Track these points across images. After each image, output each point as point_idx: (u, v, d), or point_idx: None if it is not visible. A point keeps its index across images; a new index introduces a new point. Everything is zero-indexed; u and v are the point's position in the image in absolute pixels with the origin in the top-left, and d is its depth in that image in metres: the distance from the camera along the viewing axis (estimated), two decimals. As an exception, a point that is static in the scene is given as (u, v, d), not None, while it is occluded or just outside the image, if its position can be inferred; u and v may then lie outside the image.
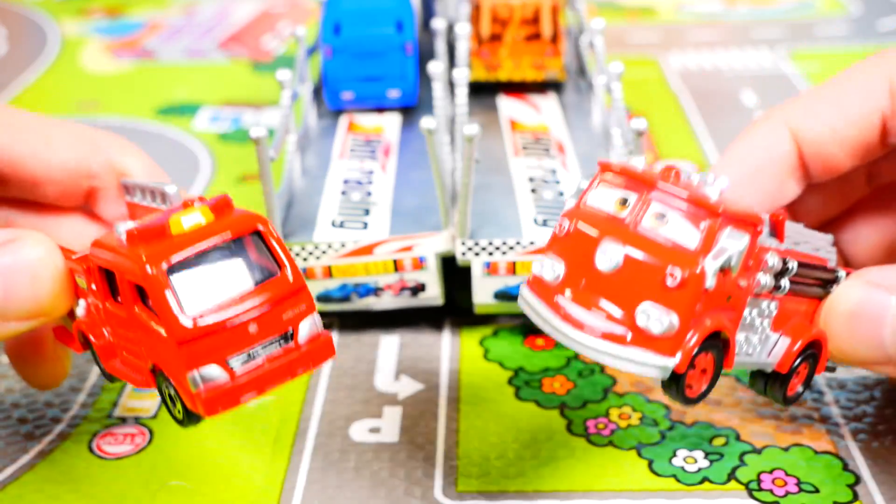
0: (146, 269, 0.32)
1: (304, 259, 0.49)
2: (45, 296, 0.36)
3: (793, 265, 0.36)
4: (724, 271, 0.32)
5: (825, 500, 0.40)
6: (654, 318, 0.32)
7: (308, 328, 0.34)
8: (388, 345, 0.50)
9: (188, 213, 0.33)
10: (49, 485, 0.42)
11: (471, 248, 0.48)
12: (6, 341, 0.41)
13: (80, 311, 0.37)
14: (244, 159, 0.71)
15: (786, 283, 0.36)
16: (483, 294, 0.49)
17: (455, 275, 0.50)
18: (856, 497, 0.40)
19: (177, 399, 0.34)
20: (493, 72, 0.65)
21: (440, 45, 0.64)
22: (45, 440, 0.45)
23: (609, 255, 0.33)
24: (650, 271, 0.32)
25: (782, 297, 0.37)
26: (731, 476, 0.41)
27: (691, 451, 0.43)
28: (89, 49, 0.95)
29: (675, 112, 0.76)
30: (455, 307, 0.51)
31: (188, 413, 0.34)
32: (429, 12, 0.76)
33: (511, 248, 0.48)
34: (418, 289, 0.50)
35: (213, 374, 0.32)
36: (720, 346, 0.34)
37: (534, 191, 0.53)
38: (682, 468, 0.42)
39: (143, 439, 0.44)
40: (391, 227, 0.50)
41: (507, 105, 0.64)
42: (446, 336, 0.51)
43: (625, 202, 0.34)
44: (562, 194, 0.52)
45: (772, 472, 0.41)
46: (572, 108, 0.64)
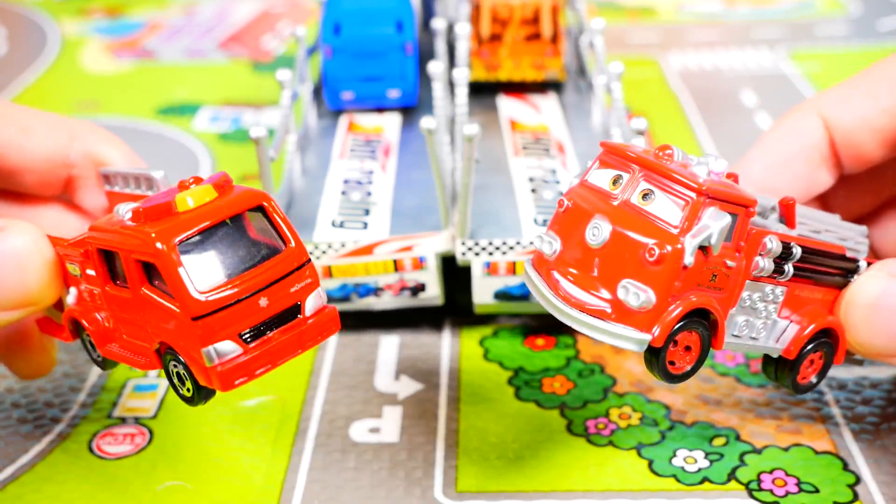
0: (157, 246, 0.32)
1: None
2: (33, 285, 0.36)
3: (797, 251, 0.36)
4: (704, 249, 0.32)
5: (825, 500, 0.40)
6: (632, 293, 0.32)
7: (314, 302, 0.35)
8: (388, 345, 0.50)
9: (193, 191, 0.34)
10: (49, 485, 0.42)
11: (471, 248, 0.48)
12: None
13: (71, 299, 0.37)
14: (244, 159, 0.71)
15: (789, 268, 0.36)
16: (483, 294, 0.49)
17: (455, 275, 0.50)
18: (856, 497, 0.40)
19: (186, 377, 0.34)
20: (493, 72, 0.65)
21: (440, 45, 0.64)
22: (44, 440, 0.45)
23: (598, 231, 0.34)
24: (633, 247, 0.33)
25: (789, 282, 0.37)
26: (732, 476, 0.41)
27: (691, 451, 0.43)
28: (89, 49, 0.95)
29: (675, 112, 0.76)
30: (455, 307, 0.51)
31: (199, 389, 0.34)
32: (429, 12, 0.76)
33: (511, 248, 0.48)
34: (418, 289, 0.50)
35: (228, 348, 0.33)
36: (706, 324, 0.34)
37: (534, 191, 0.53)
38: (682, 468, 0.42)
39: (142, 439, 0.44)
40: (391, 227, 0.50)
41: (507, 105, 0.64)
42: (446, 336, 0.51)
43: (617, 181, 0.35)
44: (562, 194, 0.52)
45: (772, 472, 0.41)
46: (572, 108, 0.64)
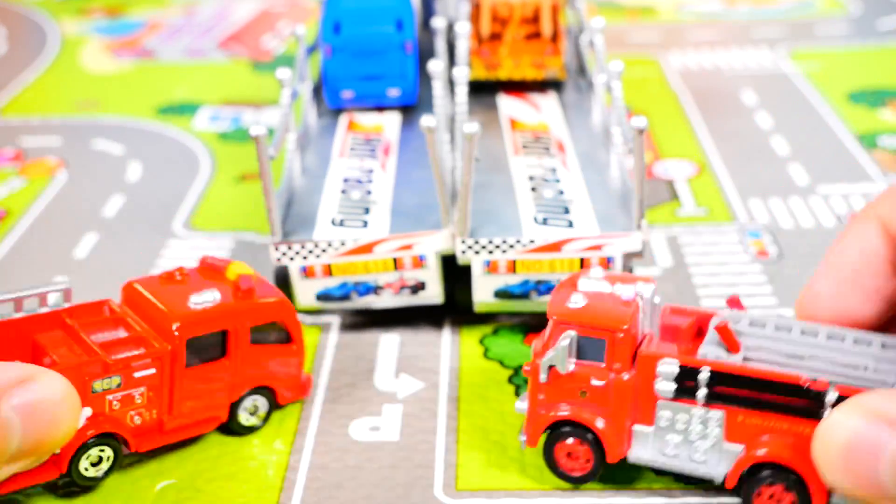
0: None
1: (304, 258, 0.49)
2: (61, 436, 0.35)
3: (704, 375, 0.37)
4: (552, 368, 0.38)
5: (826, 498, 0.40)
6: (518, 403, 0.40)
7: None
8: (388, 343, 0.50)
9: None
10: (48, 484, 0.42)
11: (471, 247, 0.48)
12: None
13: (82, 420, 0.38)
14: (244, 159, 0.71)
15: (702, 392, 0.37)
16: (483, 292, 0.49)
17: (455, 273, 0.50)
18: (856, 495, 0.40)
19: (261, 410, 0.44)
20: (493, 71, 0.65)
21: (440, 44, 0.64)
22: (44, 439, 0.44)
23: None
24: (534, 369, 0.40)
25: (726, 407, 0.37)
26: (732, 474, 0.41)
27: (691, 449, 0.42)
28: (89, 49, 0.95)
29: (675, 111, 0.76)
30: (455, 306, 0.51)
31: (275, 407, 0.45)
32: (429, 11, 0.76)
33: (511, 246, 0.48)
34: (418, 287, 0.50)
35: None
36: (592, 435, 0.39)
37: (534, 189, 0.53)
38: (683, 466, 0.42)
39: (142, 438, 0.44)
40: (391, 225, 0.50)
41: (506, 104, 0.64)
42: (446, 334, 0.51)
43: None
44: (562, 193, 0.52)
45: (772, 470, 0.41)
46: (572, 107, 0.64)
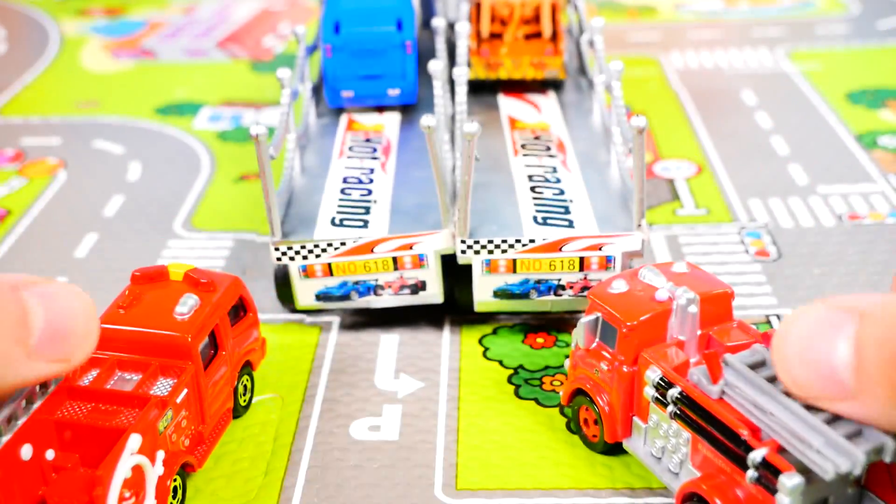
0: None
1: (304, 257, 0.49)
2: (81, 330, 0.33)
3: (674, 392, 0.37)
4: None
5: (826, 497, 0.40)
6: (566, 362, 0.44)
7: None
8: (388, 343, 0.50)
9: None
10: (48, 483, 0.42)
11: (471, 247, 0.48)
12: None
13: (159, 467, 0.38)
14: (244, 158, 0.71)
15: (671, 406, 0.37)
16: (483, 292, 0.49)
17: (455, 273, 0.50)
18: (856, 495, 0.40)
19: (250, 390, 0.46)
20: (493, 70, 0.65)
21: (440, 44, 0.64)
22: (44, 438, 0.44)
23: None
24: None
25: (692, 431, 0.37)
26: (732, 474, 0.41)
27: (691, 448, 0.43)
28: (89, 49, 0.95)
29: (675, 111, 0.76)
30: (455, 305, 0.51)
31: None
32: (429, 11, 0.76)
33: (511, 245, 0.48)
34: (418, 287, 0.50)
35: None
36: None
37: (534, 189, 0.53)
38: (683, 466, 0.42)
39: (142, 437, 0.44)
40: (391, 225, 0.50)
41: (507, 103, 0.64)
42: (446, 334, 0.51)
43: None
44: (562, 192, 0.52)
45: (772, 469, 0.41)
46: (572, 107, 0.64)
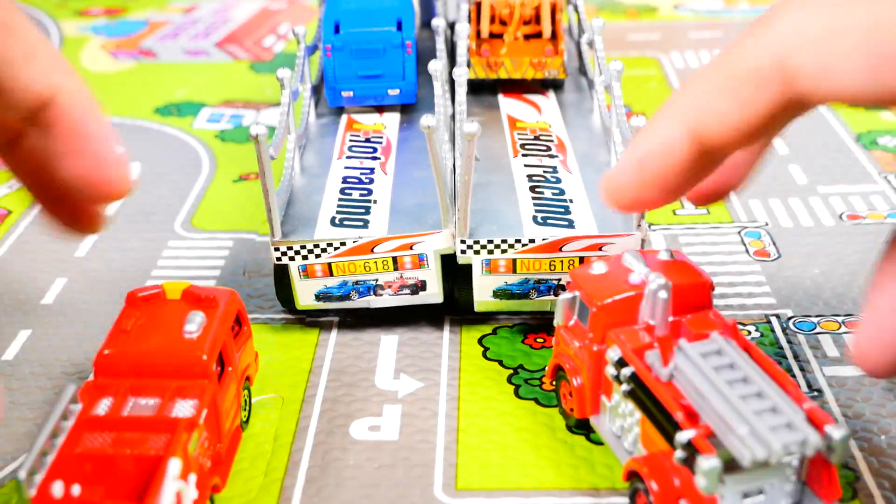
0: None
1: (304, 257, 0.49)
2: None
3: (626, 372, 0.39)
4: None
5: (825, 497, 0.40)
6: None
7: None
8: (388, 343, 0.50)
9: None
10: (49, 483, 0.42)
11: (470, 247, 0.48)
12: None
13: (193, 490, 0.37)
14: (244, 158, 0.71)
15: (624, 384, 0.39)
16: (483, 292, 0.49)
17: (455, 273, 0.50)
18: (855, 495, 0.40)
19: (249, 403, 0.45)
20: (493, 70, 0.65)
21: (440, 44, 0.64)
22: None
23: None
24: None
25: (642, 412, 0.38)
26: (731, 474, 0.41)
27: (691, 448, 0.43)
28: (89, 49, 0.95)
29: (675, 111, 0.76)
30: (455, 305, 0.51)
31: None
32: (430, 11, 0.76)
33: (511, 245, 0.48)
34: (418, 287, 0.50)
35: None
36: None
37: (533, 189, 0.53)
38: (682, 466, 0.42)
39: (142, 437, 0.44)
40: (391, 225, 0.50)
41: (507, 104, 0.64)
42: (446, 334, 0.51)
43: None
44: (562, 193, 0.52)
45: (771, 469, 0.41)
46: (572, 107, 0.64)
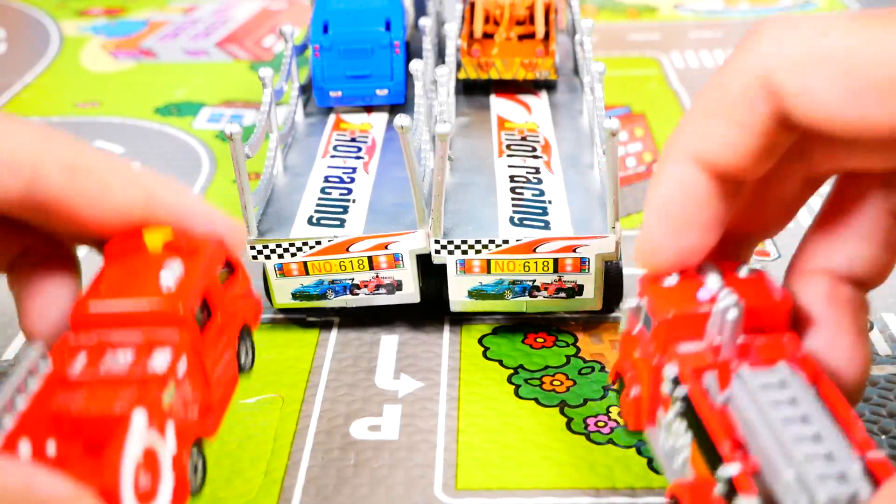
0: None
1: (280, 256, 0.49)
2: None
3: (679, 392, 0.34)
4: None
5: (824, 496, 0.40)
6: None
7: None
8: (388, 343, 0.50)
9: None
10: (49, 483, 0.42)
11: (444, 247, 0.48)
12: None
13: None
14: (244, 158, 0.71)
15: (679, 406, 0.34)
16: (458, 292, 0.49)
17: (435, 272, 0.50)
18: (855, 494, 0.40)
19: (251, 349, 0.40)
20: (485, 71, 0.65)
21: (426, 44, 0.64)
22: (45, 439, 0.45)
23: None
24: None
25: (691, 433, 0.34)
26: (731, 473, 0.41)
27: (690, 448, 0.43)
28: (89, 49, 0.95)
29: (675, 111, 0.76)
30: (441, 305, 0.51)
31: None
32: (422, 12, 0.76)
33: (485, 246, 0.48)
34: (395, 286, 0.50)
35: None
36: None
37: (514, 190, 0.53)
38: (682, 465, 0.42)
39: (143, 438, 0.44)
40: (367, 224, 0.50)
41: (498, 104, 0.64)
42: (446, 334, 0.51)
43: None
44: (542, 193, 0.52)
45: (771, 469, 0.41)
46: (563, 108, 0.64)
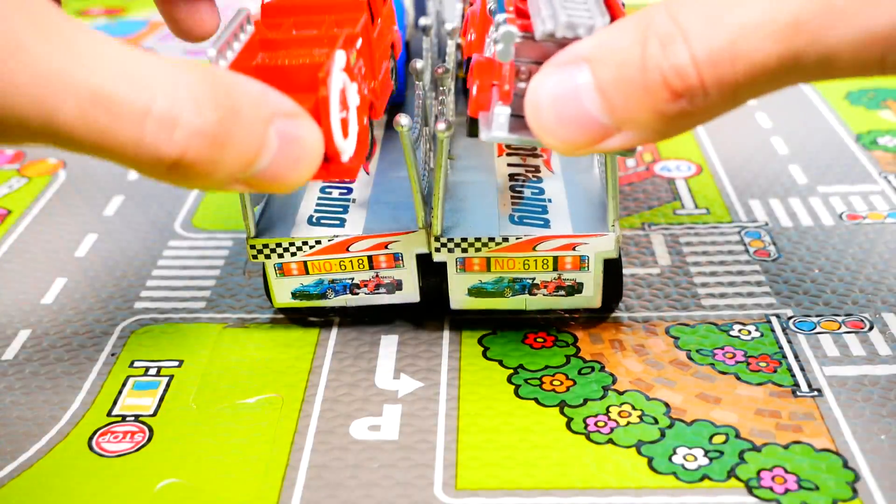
0: None
1: (280, 255, 0.49)
2: (296, 179, 0.34)
3: (500, 19, 0.39)
4: None
5: (825, 497, 0.40)
6: None
7: None
8: (388, 343, 0.50)
9: None
10: (49, 483, 0.42)
11: (444, 245, 0.48)
12: None
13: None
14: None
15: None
16: (458, 290, 0.49)
17: (437, 271, 0.50)
18: (855, 494, 0.40)
19: None
20: None
21: (426, 43, 0.64)
22: (44, 438, 0.45)
23: None
24: None
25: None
26: (731, 474, 0.41)
27: (691, 448, 0.43)
28: (89, 49, 0.95)
29: (674, 111, 0.76)
30: (443, 304, 0.51)
31: None
32: (422, 12, 0.76)
33: (485, 244, 0.48)
34: (394, 286, 0.50)
35: None
36: None
37: (513, 188, 0.53)
38: (682, 466, 0.42)
39: (142, 437, 0.44)
40: (367, 224, 0.50)
41: None
42: (446, 334, 0.51)
43: None
44: (542, 192, 0.52)
45: (772, 469, 0.41)
46: None
